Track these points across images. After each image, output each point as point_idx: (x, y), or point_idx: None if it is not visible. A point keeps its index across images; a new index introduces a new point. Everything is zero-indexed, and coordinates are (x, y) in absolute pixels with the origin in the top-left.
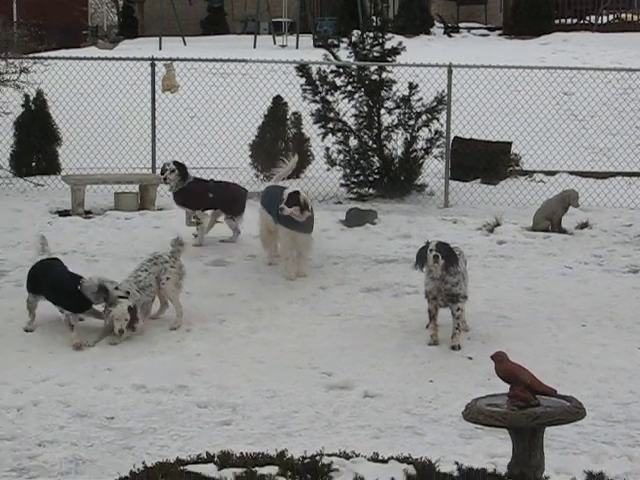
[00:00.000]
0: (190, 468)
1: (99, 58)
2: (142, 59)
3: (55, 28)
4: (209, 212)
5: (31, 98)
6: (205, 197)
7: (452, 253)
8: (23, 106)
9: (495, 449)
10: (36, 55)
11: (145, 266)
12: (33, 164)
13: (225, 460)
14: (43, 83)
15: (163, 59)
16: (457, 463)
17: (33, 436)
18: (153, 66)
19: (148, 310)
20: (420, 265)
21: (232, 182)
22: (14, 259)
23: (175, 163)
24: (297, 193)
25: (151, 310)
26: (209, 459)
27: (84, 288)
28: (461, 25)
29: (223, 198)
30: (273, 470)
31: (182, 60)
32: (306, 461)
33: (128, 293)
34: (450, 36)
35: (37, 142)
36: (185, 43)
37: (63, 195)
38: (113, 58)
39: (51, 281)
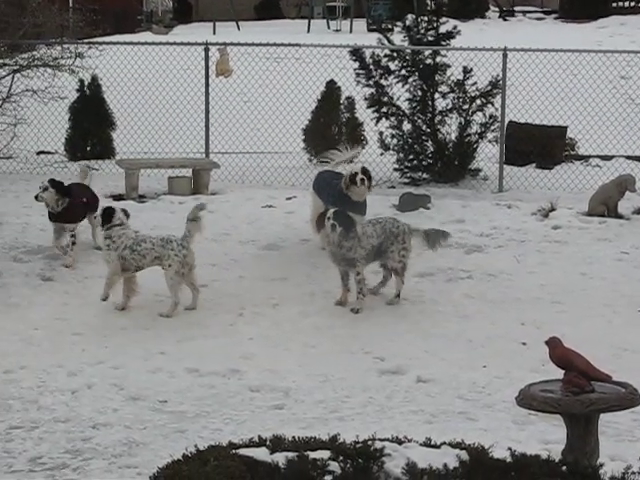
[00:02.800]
0: (242, 452)
1: (153, 43)
2: (196, 44)
3: (110, 13)
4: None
5: (86, 83)
6: (83, 206)
7: (348, 220)
8: (78, 91)
9: (549, 435)
10: (91, 40)
11: (154, 241)
12: (88, 149)
13: (277, 444)
14: (98, 68)
15: (217, 44)
16: (510, 449)
17: (87, 418)
18: (207, 51)
19: (127, 271)
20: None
21: (75, 182)
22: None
23: (52, 181)
24: (367, 170)
25: (136, 287)
26: (261, 443)
27: None
28: (516, 9)
29: (92, 199)
30: (325, 454)
31: (235, 45)
32: (358, 446)
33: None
34: (505, 20)
35: (92, 127)
36: (239, 28)
37: (117, 179)
38: (167, 43)
39: None
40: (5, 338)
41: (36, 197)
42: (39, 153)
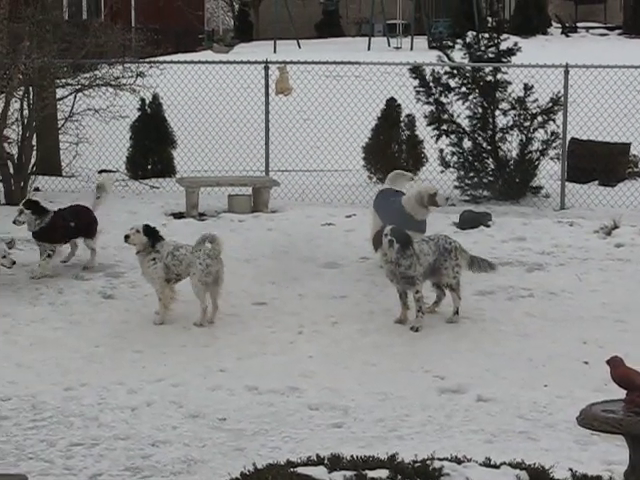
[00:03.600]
0: (300, 470)
1: (213, 62)
2: (256, 62)
3: (172, 32)
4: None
5: (147, 102)
6: (68, 228)
7: (406, 237)
8: (139, 110)
9: (611, 456)
10: (152, 59)
11: (188, 248)
12: (149, 167)
13: (335, 463)
14: (159, 87)
15: (277, 62)
16: (571, 470)
17: (146, 436)
18: (267, 69)
19: (170, 281)
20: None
21: (77, 204)
22: (130, 260)
23: (26, 203)
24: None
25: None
26: (319, 461)
27: None
28: (579, 25)
29: (82, 223)
30: (383, 473)
31: (295, 63)
32: (417, 465)
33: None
34: (568, 36)
35: (153, 145)
36: (300, 46)
37: (178, 197)
38: (227, 62)
39: None
40: (67, 355)
41: (14, 222)
42: (101, 172)
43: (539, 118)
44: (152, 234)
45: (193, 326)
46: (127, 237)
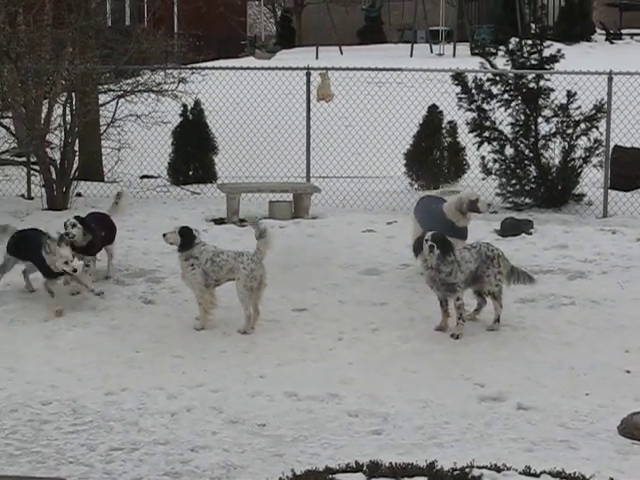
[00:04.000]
0: (338, 477)
1: (255, 68)
2: (297, 69)
3: (214, 39)
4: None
5: (189, 108)
6: (101, 237)
7: (447, 243)
8: (181, 115)
9: None
10: (194, 65)
11: (230, 254)
12: (190, 173)
13: (374, 470)
14: (200, 93)
15: (318, 68)
16: (612, 479)
17: (186, 441)
18: (308, 75)
19: (210, 286)
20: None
21: (96, 212)
22: (170, 266)
23: (78, 218)
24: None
25: (216, 300)
26: (358, 468)
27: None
28: (624, 31)
29: (105, 230)
30: None
31: (337, 69)
32: (456, 473)
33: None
34: (612, 43)
35: (194, 151)
36: (342, 52)
37: (218, 203)
38: (269, 68)
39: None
40: (107, 360)
41: (67, 234)
42: (142, 177)
43: (582, 125)
44: (185, 235)
45: (233, 332)
46: (164, 235)
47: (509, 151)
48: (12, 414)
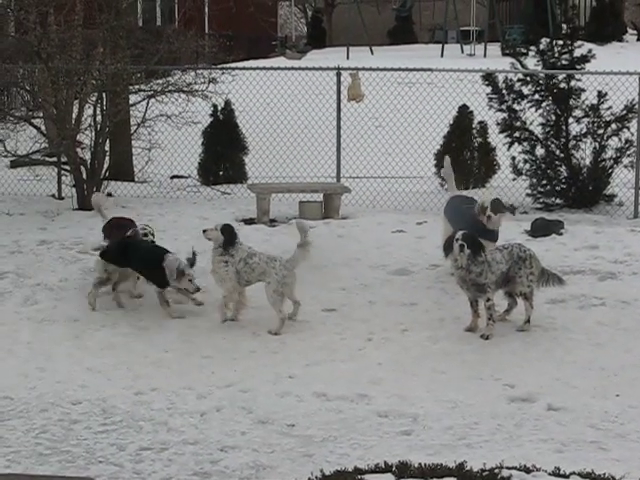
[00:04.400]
0: (367, 477)
1: (285, 68)
2: (328, 69)
3: (245, 39)
4: None
5: (219, 108)
6: None
7: (478, 243)
8: (211, 116)
9: None
10: (224, 66)
11: (262, 257)
12: (220, 173)
13: (403, 470)
14: (231, 93)
15: (349, 68)
16: None
17: (215, 441)
18: (339, 76)
19: (241, 285)
20: (446, 254)
21: (119, 217)
22: (200, 265)
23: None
24: (499, 200)
25: (246, 300)
26: (387, 469)
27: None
28: None
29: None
30: None
31: (367, 69)
32: (485, 474)
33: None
34: None
35: (224, 151)
36: (372, 52)
37: (249, 203)
38: (299, 68)
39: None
40: (136, 360)
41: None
42: (173, 177)
43: (613, 126)
44: (227, 234)
45: (263, 332)
46: (205, 231)
47: (540, 151)
48: (42, 413)
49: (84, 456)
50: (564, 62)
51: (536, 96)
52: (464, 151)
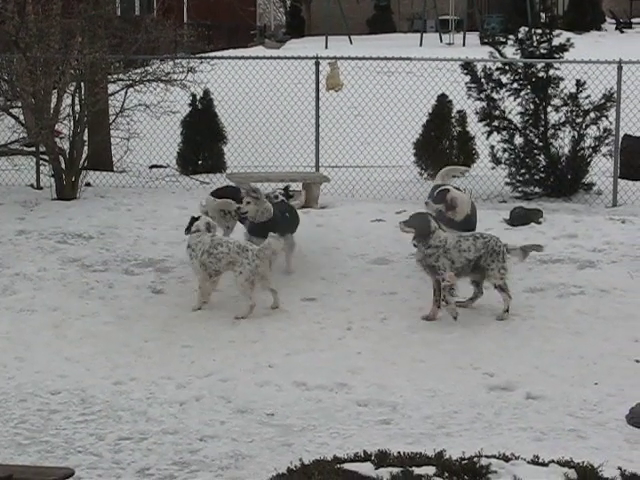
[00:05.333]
0: (347, 466)
1: (264, 57)
2: (306, 58)
3: (224, 28)
4: None
5: (198, 97)
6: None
7: (425, 225)
8: (190, 105)
9: None
10: (203, 55)
11: (231, 246)
12: (199, 162)
13: (382, 459)
14: (210, 82)
15: (327, 58)
16: (620, 469)
17: (194, 430)
18: (317, 65)
19: (211, 276)
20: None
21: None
22: (179, 256)
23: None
24: (446, 191)
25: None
26: (366, 458)
27: None
28: (634, 20)
29: None
30: (430, 470)
31: (346, 59)
32: (464, 462)
33: None
34: (622, 32)
35: (203, 141)
36: (351, 42)
37: None
38: (278, 57)
39: None
40: (116, 350)
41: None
42: (152, 167)
43: (591, 114)
44: (187, 227)
45: (242, 322)
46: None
47: (518, 140)
48: (21, 404)
49: (63, 446)
50: (543, 51)
51: (515, 85)
52: (443, 140)
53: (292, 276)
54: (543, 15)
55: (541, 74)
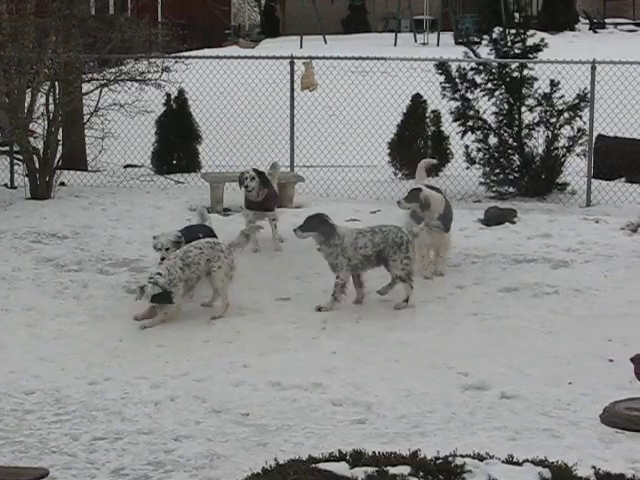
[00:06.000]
0: (322, 466)
1: (238, 57)
2: (281, 57)
3: (198, 28)
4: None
5: (172, 97)
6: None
7: (327, 226)
8: (165, 105)
9: (636, 454)
10: (178, 54)
11: (201, 245)
12: (174, 162)
13: (357, 459)
14: (184, 82)
15: (302, 57)
16: (594, 467)
17: (169, 431)
18: (292, 65)
19: (191, 288)
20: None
21: None
22: (154, 255)
23: (255, 170)
24: (418, 190)
25: (194, 292)
26: (341, 457)
27: None
28: (607, 21)
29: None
30: (405, 470)
31: (321, 58)
32: (439, 462)
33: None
34: (596, 32)
35: (178, 140)
36: (326, 41)
37: (202, 192)
38: (253, 57)
39: None
40: (90, 350)
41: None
42: (126, 166)
43: (565, 114)
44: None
45: (217, 322)
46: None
47: (493, 140)
48: None
49: (37, 446)
50: (517, 51)
51: (489, 85)
52: (417, 140)
53: (266, 276)
54: (517, 15)
55: (515, 74)
